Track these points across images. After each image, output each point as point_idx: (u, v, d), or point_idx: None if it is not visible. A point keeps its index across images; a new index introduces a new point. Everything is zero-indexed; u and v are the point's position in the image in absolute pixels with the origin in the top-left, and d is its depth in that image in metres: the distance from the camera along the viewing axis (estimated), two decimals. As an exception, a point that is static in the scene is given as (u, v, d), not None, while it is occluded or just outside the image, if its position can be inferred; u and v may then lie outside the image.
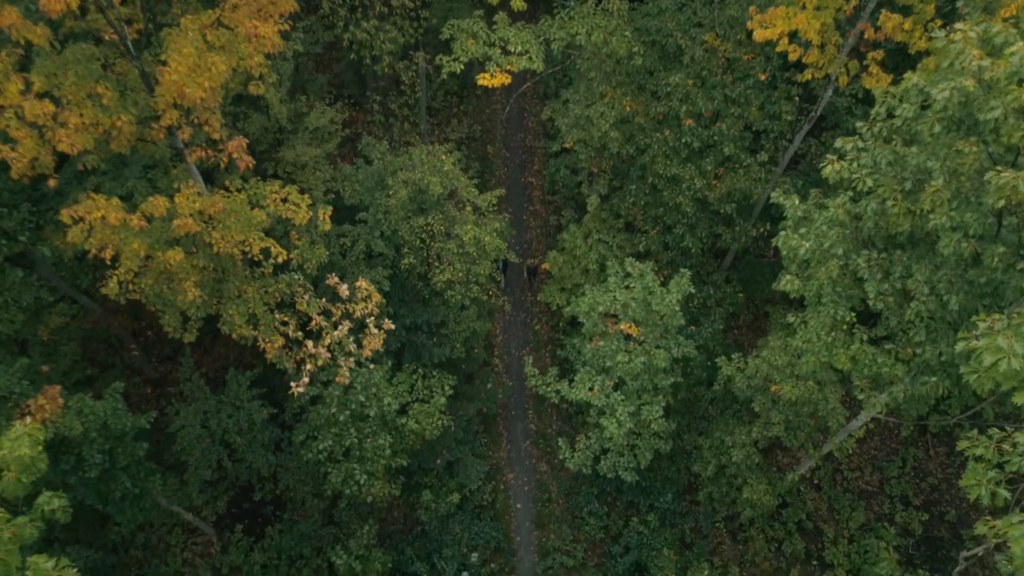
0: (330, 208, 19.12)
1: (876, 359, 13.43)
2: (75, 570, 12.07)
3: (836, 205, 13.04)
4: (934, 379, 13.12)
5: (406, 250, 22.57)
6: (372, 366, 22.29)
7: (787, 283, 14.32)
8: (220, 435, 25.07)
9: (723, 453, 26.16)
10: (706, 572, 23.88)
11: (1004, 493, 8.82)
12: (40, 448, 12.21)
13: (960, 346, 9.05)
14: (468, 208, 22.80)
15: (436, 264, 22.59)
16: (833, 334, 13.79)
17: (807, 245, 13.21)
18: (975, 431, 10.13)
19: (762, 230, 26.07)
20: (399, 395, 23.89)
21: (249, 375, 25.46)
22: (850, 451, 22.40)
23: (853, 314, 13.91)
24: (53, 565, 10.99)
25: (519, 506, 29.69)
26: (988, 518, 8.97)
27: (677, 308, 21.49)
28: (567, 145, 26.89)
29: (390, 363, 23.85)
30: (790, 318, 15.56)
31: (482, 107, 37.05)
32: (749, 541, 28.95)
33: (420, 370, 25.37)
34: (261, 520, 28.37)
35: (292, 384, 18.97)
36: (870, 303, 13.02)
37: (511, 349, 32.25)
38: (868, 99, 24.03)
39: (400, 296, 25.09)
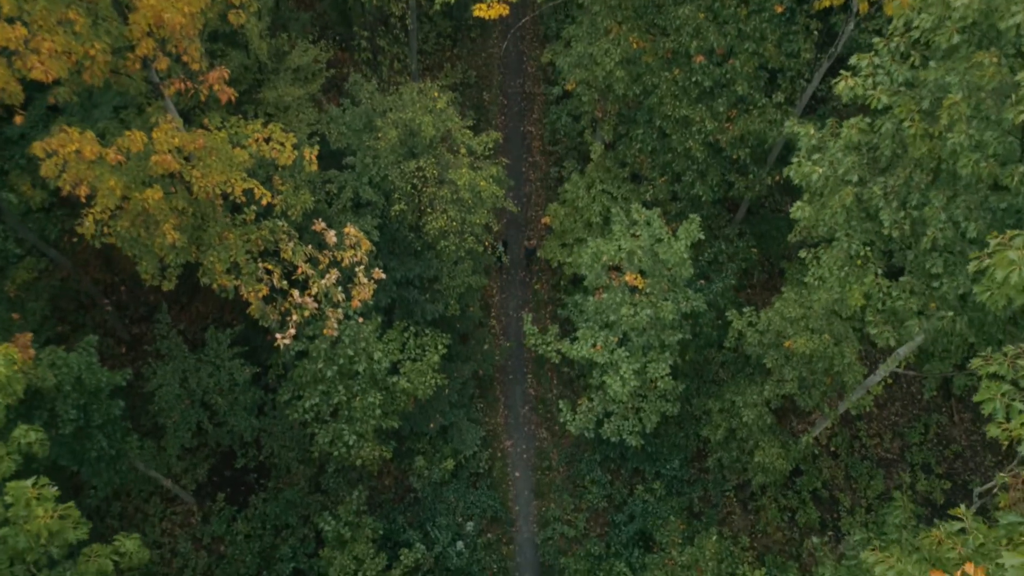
0: (316, 148, 19.47)
1: (891, 292, 13.92)
2: (55, 488, 12.60)
3: (850, 125, 13.44)
4: (951, 314, 13.61)
5: (396, 195, 22.94)
6: (361, 319, 22.77)
7: (798, 210, 14.78)
8: (200, 396, 25.63)
9: (733, 416, 26.77)
10: (715, 538, 24.58)
11: (1019, 406, 9.32)
12: (16, 368, 12.63)
13: (972, 266, 9.50)
14: (463, 150, 23.15)
15: (429, 211, 22.98)
16: (847, 268, 14.27)
17: (820, 171, 13.63)
18: (989, 348, 10.63)
19: (778, 178, 26.44)
20: (389, 353, 24.41)
21: (230, 332, 25.98)
22: (868, 409, 22.98)
23: (868, 248, 14.39)
24: (32, 483, 11.52)
25: (517, 474, 30.39)
26: (1001, 420, 9.50)
27: (686, 256, 21.95)
28: (569, 87, 27.15)
29: (379, 319, 24.35)
30: (802, 253, 16.04)
31: (477, 51, 37.20)
32: (761, 511, 29.70)
33: (412, 328, 25.87)
34: (244, 488, 29.03)
35: (277, 336, 19.44)
36: (884, 232, 13.49)
37: (509, 310, 32.77)
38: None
39: (390, 249, 25.51)
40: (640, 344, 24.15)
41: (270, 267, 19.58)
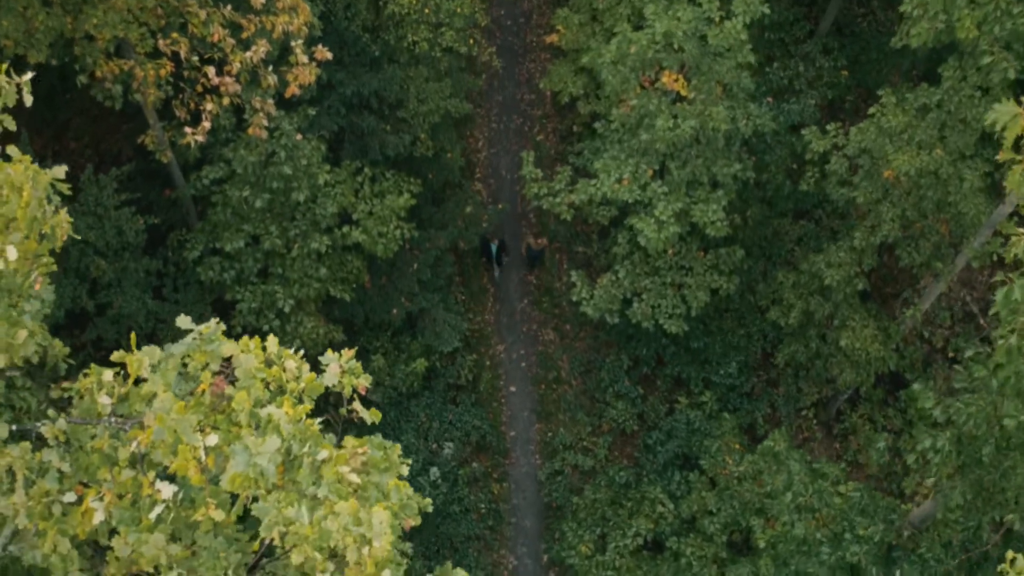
0: None
1: (1010, 11, 15.12)
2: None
3: None
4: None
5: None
6: (300, 136, 24.01)
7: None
8: (76, 260, 26.77)
9: (812, 294, 28.11)
10: (784, 444, 25.99)
11: None
12: None
13: None
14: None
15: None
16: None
17: None
18: None
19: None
20: (338, 198, 25.66)
21: (115, 173, 27.08)
22: (996, 258, 24.31)
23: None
24: None
25: (513, 389, 31.81)
26: None
27: (744, 37, 23.16)
28: None
29: (324, 148, 25.55)
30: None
31: None
32: (850, 434, 31.18)
33: (367, 170, 27.08)
34: (134, 405, 30.35)
35: (187, 131, 20.60)
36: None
37: (500, 169, 34.06)
38: None
39: (338, 57, 26.63)
40: (683, 178, 25.44)
41: (175, 36, 20.70)
